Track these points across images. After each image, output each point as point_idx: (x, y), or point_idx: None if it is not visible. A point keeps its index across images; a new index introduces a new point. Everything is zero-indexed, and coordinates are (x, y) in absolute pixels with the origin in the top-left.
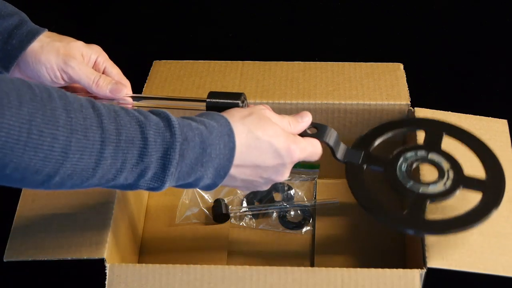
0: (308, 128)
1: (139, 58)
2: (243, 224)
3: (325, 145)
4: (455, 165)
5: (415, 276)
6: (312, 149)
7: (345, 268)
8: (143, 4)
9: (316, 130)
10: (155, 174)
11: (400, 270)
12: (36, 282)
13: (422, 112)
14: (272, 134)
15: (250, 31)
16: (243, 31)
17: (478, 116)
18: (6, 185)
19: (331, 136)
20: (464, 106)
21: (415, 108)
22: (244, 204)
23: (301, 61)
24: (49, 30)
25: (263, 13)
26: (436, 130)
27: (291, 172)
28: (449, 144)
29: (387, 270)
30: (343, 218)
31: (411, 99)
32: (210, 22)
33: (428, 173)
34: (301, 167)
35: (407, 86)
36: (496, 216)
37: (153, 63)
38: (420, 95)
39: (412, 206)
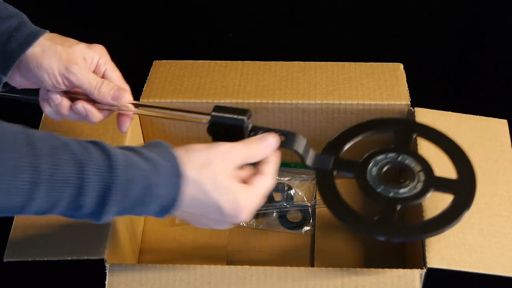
0: None
1: (139, 58)
2: (243, 224)
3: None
4: (426, 167)
5: (415, 276)
6: (266, 188)
7: (345, 268)
8: (143, 4)
9: (285, 138)
10: (92, 210)
11: (400, 270)
12: (36, 282)
13: (422, 112)
14: (222, 192)
15: (250, 31)
16: (243, 31)
17: (478, 116)
18: None
19: (300, 144)
20: (464, 106)
21: (415, 108)
22: None
23: (301, 61)
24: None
25: (263, 13)
26: (406, 131)
27: (291, 172)
28: (423, 144)
29: (387, 270)
30: None
31: (411, 99)
32: (210, 22)
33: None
34: (301, 167)
35: (407, 86)
36: (496, 216)
37: (153, 63)
38: (420, 95)
39: (383, 212)
